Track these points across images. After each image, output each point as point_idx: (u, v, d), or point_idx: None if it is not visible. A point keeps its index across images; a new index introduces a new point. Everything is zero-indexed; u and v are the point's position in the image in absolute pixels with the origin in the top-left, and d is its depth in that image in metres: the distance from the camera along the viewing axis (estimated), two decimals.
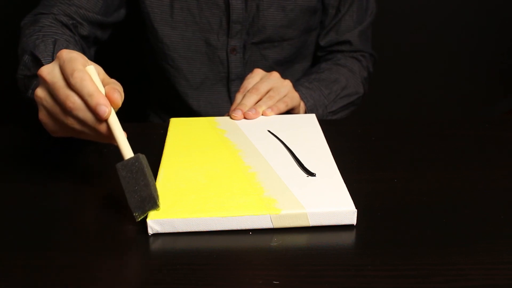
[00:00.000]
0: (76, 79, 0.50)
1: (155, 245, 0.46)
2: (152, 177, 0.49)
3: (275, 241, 0.47)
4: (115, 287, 0.41)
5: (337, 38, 0.95)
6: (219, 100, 0.94)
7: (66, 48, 0.67)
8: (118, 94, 0.51)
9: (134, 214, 0.47)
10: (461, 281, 0.42)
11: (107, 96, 0.51)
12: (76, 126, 0.52)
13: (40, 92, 0.54)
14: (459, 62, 1.76)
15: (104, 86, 0.52)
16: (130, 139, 0.66)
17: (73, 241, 0.47)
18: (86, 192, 0.56)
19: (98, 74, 0.53)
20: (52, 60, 0.66)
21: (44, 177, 0.60)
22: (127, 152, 0.50)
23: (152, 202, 0.47)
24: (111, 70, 1.12)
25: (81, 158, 0.65)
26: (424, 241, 0.47)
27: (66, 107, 0.51)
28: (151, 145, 0.66)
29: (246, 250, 0.46)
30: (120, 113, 0.57)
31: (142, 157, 0.49)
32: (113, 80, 0.55)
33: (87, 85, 0.50)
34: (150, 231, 0.47)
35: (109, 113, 0.50)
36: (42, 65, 0.66)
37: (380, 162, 0.62)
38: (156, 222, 0.47)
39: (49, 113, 0.54)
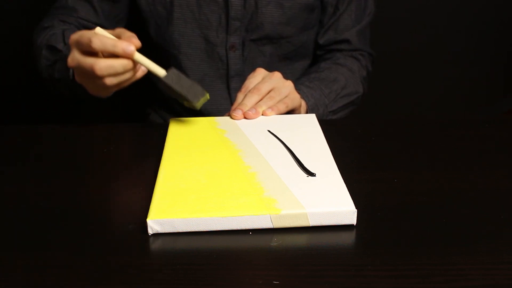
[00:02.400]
0: (95, 43, 0.61)
1: (155, 245, 0.46)
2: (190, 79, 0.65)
3: (275, 241, 0.47)
4: (115, 287, 0.41)
5: (336, 37, 0.95)
6: (218, 97, 0.94)
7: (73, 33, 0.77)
8: (135, 37, 0.63)
9: (194, 103, 0.64)
10: (461, 281, 0.42)
11: (126, 41, 0.62)
12: (110, 79, 0.64)
13: (76, 76, 0.68)
14: (459, 62, 1.76)
15: (117, 36, 0.64)
16: (130, 139, 0.66)
17: (72, 241, 0.47)
18: (86, 192, 0.56)
19: (105, 32, 0.64)
20: (65, 44, 0.77)
21: (44, 177, 0.60)
22: (160, 71, 0.65)
23: (201, 91, 0.64)
24: None
25: (81, 158, 0.65)
26: (424, 241, 0.47)
27: (96, 73, 0.62)
28: (151, 145, 0.66)
29: (246, 250, 0.46)
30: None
31: (173, 69, 0.64)
32: (120, 29, 0.66)
33: (106, 41, 0.61)
34: (150, 231, 0.48)
35: (134, 50, 0.63)
36: (58, 50, 0.77)
37: (380, 162, 0.62)
38: (156, 222, 0.47)
39: (85, 77, 0.66)
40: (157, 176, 0.54)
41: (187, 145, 0.61)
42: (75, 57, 0.65)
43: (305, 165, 0.56)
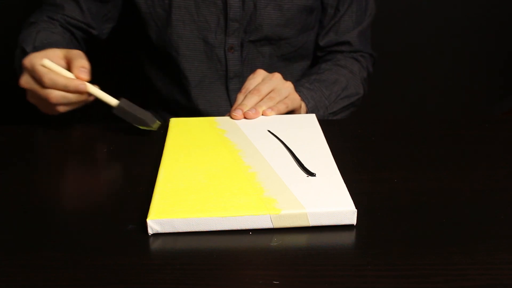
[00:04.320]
0: (46, 82, 0.64)
1: (155, 245, 0.46)
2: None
3: (275, 241, 0.47)
4: (115, 287, 0.41)
5: (337, 39, 0.95)
6: (217, 98, 0.94)
7: (46, 36, 0.81)
8: (85, 72, 0.65)
9: (151, 126, 0.67)
10: (461, 281, 0.42)
11: (77, 77, 0.65)
12: (63, 107, 0.67)
13: (27, 96, 0.69)
14: (459, 62, 1.76)
15: (68, 62, 0.67)
16: (130, 139, 0.66)
17: (72, 241, 0.47)
18: (86, 192, 0.56)
19: (55, 58, 0.66)
20: (33, 47, 0.78)
21: (43, 177, 0.60)
22: (112, 100, 0.66)
23: (151, 116, 0.67)
24: (110, 69, 1.12)
25: (81, 158, 0.65)
26: (424, 241, 0.47)
27: (51, 101, 0.65)
28: (151, 145, 0.66)
29: (246, 250, 0.46)
30: None
31: (123, 98, 0.66)
32: (74, 53, 0.67)
33: (57, 80, 0.64)
34: (150, 231, 0.47)
35: (87, 86, 0.65)
36: (26, 53, 0.76)
37: (380, 162, 0.62)
38: (156, 222, 0.47)
39: (38, 100, 0.68)
40: (157, 176, 0.54)
41: (187, 145, 0.61)
42: (29, 82, 0.66)
43: (305, 165, 0.56)
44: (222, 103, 0.94)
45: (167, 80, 0.96)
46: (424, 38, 1.69)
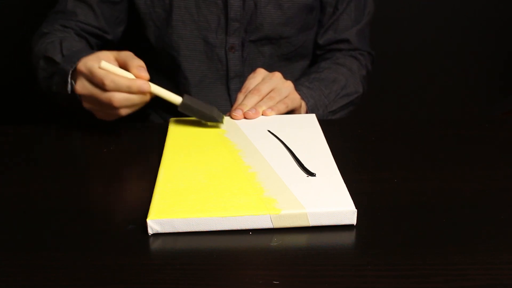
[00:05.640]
0: (109, 86, 0.61)
1: (155, 245, 0.46)
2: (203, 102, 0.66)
3: (275, 241, 0.47)
4: (115, 287, 0.41)
5: (335, 37, 0.96)
6: (218, 98, 0.94)
7: (71, 44, 0.78)
8: (144, 70, 0.63)
9: (218, 121, 0.65)
10: (461, 281, 0.42)
11: (137, 77, 0.62)
12: (125, 109, 0.64)
13: (84, 102, 0.67)
14: (459, 62, 1.76)
15: (122, 64, 0.64)
16: (130, 139, 0.66)
17: (72, 241, 0.47)
18: (86, 192, 0.56)
19: (108, 60, 0.63)
20: (62, 56, 0.75)
21: (44, 177, 0.60)
22: (176, 98, 0.65)
23: (218, 111, 0.66)
24: None
25: (81, 158, 0.65)
26: (424, 241, 0.47)
27: (114, 105, 0.62)
28: (151, 145, 0.66)
29: (246, 250, 0.46)
30: None
31: (186, 95, 0.65)
32: (125, 54, 0.64)
33: (119, 81, 0.61)
34: (150, 231, 0.47)
35: (149, 86, 0.63)
36: (55, 62, 0.75)
37: (380, 162, 0.62)
38: (156, 222, 0.47)
39: (96, 105, 0.66)
40: (157, 176, 0.54)
41: (187, 145, 0.61)
42: (87, 87, 0.64)
43: (305, 165, 0.56)
44: (222, 103, 0.94)
45: (167, 80, 0.95)
46: (424, 38, 1.69)
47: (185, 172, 0.55)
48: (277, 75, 0.74)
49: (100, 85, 0.62)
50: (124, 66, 0.64)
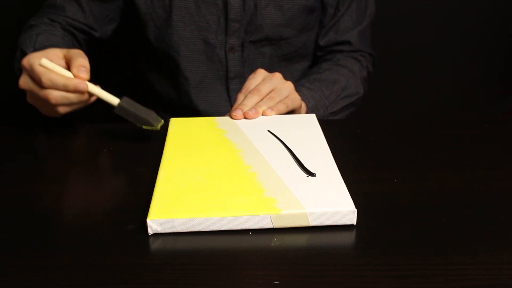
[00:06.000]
0: (45, 82, 0.62)
1: (155, 245, 0.46)
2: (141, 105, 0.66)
3: (275, 241, 0.47)
4: (115, 287, 0.41)
5: (337, 38, 0.95)
6: (218, 99, 0.94)
7: (47, 38, 0.80)
8: (84, 71, 0.63)
9: (154, 126, 0.65)
10: (461, 281, 0.42)
11: (76, 77, 0.63)
12: (63, 107, 0.65)
13: (27, 97, 0.68)
14: (459, 62, 1.76)
15: (68, 62, 0.65)
16: (130, 139, 0.66)
17: (72, 241, 0.47)
18: (86, 192, 0.56)
19: (54, 57, 0.65)
20: (33, 49, 0.76)
21: (44, 177, 0.60)
22: (113, 99, 0.65)
23: (155, 116, 0.65)
24: (110, 70, 1.12)
25: (81, 158, 0.65)
26: (424, 241, 0.47)
27: (50, 102, 0.63)
28: (151, 145, 0.66)
29: (246, 250, 0.46)
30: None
31: (125, 97, 0.65)
32: (73, 52, 0.65)
33: (56, 79, 0.62)
34: (150, 231, 0.47)
35: (87, 85, 0.63)
36: (26, 55, 0.74)
37: (380, 162, 0.62)
38: (156, 222, 0.47)
39: (37, 101, 0.67)
40: (157, 176, 0.54)
41: (187, 145, 0.61)
42: (28, 83, 0.65)
43: (305, 165, 0.56)
44: (222, 103, 0.94)
45: (166, 80, 0.96)
46: (424, 38, 1.69)
47: (185, 172, 0.55)
48: (277, 76, 0.74)
49: (38, 82, 0.63)
50: (69, 64, 0.65)
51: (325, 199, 0.49)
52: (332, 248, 0.46)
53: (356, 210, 0.48)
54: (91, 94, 0.65)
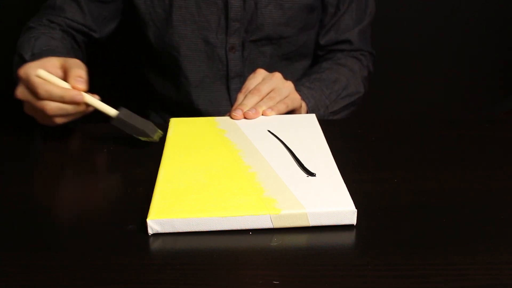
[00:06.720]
0: (42, 93, 0.61)
1: (155, 245, 0.46)
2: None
3: (275, 241, 0.47)
4: (115, 287, 0.41)
5: (337, 37, 0.95)
6: (218, 98, 0.94)
7: (45, 42, 0.79)
8: (81, 82, 0.62)
9: (152, 137, 0.64)
10: (461, 281, 0.42)
11: (73, 88, 0.62)
12: (60, 118, 0.64)
13: (24, 107, 0.67)
14: (459, 62, 1.76)
15: (65, 71, 0.64)
16: (130, 139, 0.66)
17: (72, 241, 0.47)
18: (86, 192, 0.56)
19: (51, 67, 0.64)
20: (31, 55, 0.76)
21: (44, 177, 0.60)
22: (110, 110, 0.64)
23: (153, 126, 0.64)
24: (110, 70, 1.12)
25: (81, 158, 0.65)
26: (424, 241, 0.47)
27: (47, 113, 0.62)
28: (151, 145, 0.66)
29: (246, 250, 0.46)
30: None
31: (123, 108, 0.64)
32: (71, 62, 0.64)
33: (53, 91, 0.61)
34: (150, 231, 0.47)
35: (83, 97, 0.62)
36: (25, 60, 0.75)
37: (380, 162, 0.62)
38: (156, 222, 0.47)
39: (34, 111, 0.66)
40: (157, 176, 0.54)
41: (187, 145, 0.61)
42: (24, 94, 0.64)
43: (305, 165, 0.56)
44: (222, 103, 0.94)
45: (167, 80, 0.96)
46: (424, 38, 1.69)
47: (185, 172, 0.55)
48: (277, 75, 0.73)
49: (35, 93, 0.62)
50: (66, 74, 0.64)
51: (325, 199, 0.49)
52: (332, 248, 0.46)
53: (356, 210, 0.48)
54: (88, 105, 0.64)
